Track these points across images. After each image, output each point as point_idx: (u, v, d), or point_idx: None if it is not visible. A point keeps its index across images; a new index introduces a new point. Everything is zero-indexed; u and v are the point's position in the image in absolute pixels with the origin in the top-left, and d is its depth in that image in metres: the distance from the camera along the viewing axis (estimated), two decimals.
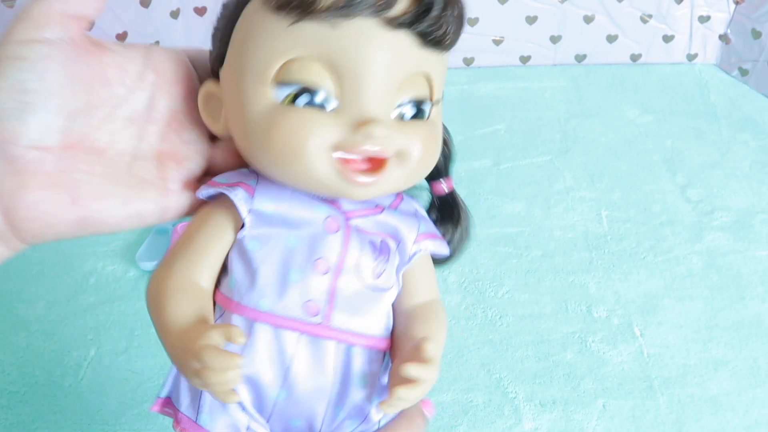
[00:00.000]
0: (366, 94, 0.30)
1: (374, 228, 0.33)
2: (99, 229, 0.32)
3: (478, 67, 0.99)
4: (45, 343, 0.64)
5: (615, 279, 0.69)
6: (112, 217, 0.32)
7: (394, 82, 0.30)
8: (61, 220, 0.31)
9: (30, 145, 0.30)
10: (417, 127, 0.31)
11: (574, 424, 0.57)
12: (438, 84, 0.33)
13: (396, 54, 0.30)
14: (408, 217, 0.34)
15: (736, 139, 0.87)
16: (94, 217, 0.31)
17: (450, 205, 0.38)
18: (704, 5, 0.95)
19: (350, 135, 0.29)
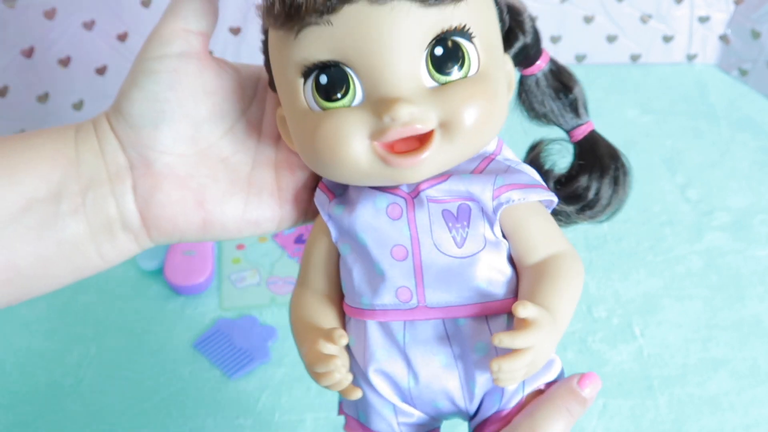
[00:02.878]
0: (381, 76, 0.29)
1: (446, 195, 0.32)
2: (220, 233, 0.35)
3: None
4: (46, 342, 0.64)
5: (615, 279, 0.69)
6: (232, 222, 0.35)
7: (412, 52, 0.29)
8: (187, 221, 0.34)
9: (164, 150, 0.33)
10: (461, 87, 0.29)
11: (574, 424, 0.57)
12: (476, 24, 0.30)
13: (400, 25, 0.28)
14: (485, 177, 0.32)
15: (735, 140, 0.87)
16: (216, 220, 0.34)
17: (591, 149, 0.36)
18: (704, 5, 0.95)
19: (378, 122, 0.29)
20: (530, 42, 0.35)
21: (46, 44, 0.79)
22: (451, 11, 0.29)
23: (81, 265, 0.34)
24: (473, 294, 0.32)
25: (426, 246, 0.32)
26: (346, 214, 0.33)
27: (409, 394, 0.34)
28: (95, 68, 0.85)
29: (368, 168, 0.30)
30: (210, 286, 0.68)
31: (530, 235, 0.33)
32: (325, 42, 0.29)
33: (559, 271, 0.32)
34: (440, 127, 0.30)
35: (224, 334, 0.63)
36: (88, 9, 0.81)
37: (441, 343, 0.33)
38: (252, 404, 0.59)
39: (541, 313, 0.30)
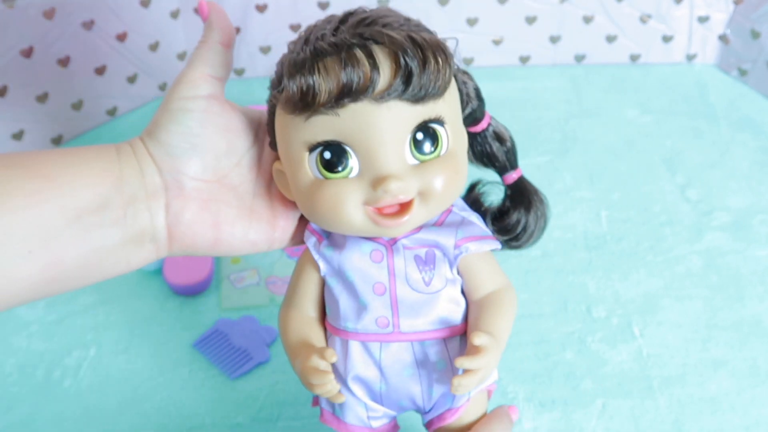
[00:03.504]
0: (377, 158, 0.36)
1: (417, 244, 0.41)
2: (224, 250, 0.41)
3: (478, 67, 0.99)
4: (45, 343, 0.64)
5: (614, 279, 0.69)
6: (237, 242, 0.41)
7: (400, 138, 0.36)
8: (204, 239, 0.40)
9: (194, 176, 0.39)
10: (435, 165, 0.37)
11: (573, 424, 0.57)
12: (448, 113, 0.38)
13: (393, 119, 0.36)
14: (447, 228, 0.41)
15: (735, 140, 0.87)
16: (225, 240, 0.41)
17: (520, 191, 0.45)
18: (704, 5, 0.95)
19: (373, 193, 0.37)
20: (475, 108, 0.43)
21: (45, 44, 0.79)
22: (432, 106, 0.37)
23: (111, 269, 0.39)
24: (437, 321, 0.41)
25: (401, 284, 0.41)
26: (336, 255, 0.41)
27: (380, 395, 0.43)
28: (94, 68, 0.85)
29: (361, 226, 0.38)
30: (209, 286, 0.68)
31: (479, 275, 0.42)
32: (331, 127, 0.36)
33: (500, 303, 0.42)
34: (419, 195, 0.38)
35: (224, 334, 0.63)
36: (88, 9, 0.81)
37: (410, 358, 0.42)
38: (252, 404, 0.59)
39: (490, 339, 0.39)
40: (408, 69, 0.34)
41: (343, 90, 0.34)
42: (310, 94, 0.35)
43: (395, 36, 0.35)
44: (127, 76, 0.88)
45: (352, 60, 0.34)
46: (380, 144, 0.36)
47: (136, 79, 0.89)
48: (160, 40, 0.89)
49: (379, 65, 0.35)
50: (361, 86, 0.34)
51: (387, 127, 0.36)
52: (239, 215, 0.41)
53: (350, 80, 0.34)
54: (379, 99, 0.35)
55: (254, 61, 0.95)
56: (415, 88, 0.35)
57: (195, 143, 0.39)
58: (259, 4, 0.91)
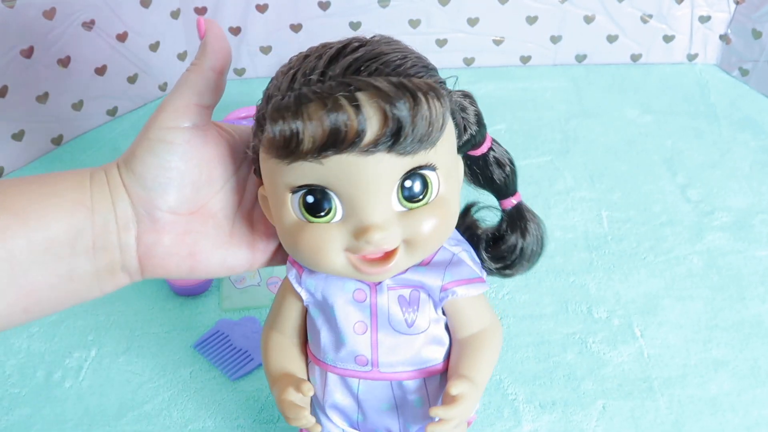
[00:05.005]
0: (361, 207, 0.35)
1: (402, 284, 0.40)
2: (200, 276, 0.40)
3: (478, 67, 0.99)
4: (46, 344, 0.64)
5: (615, 279, 0.69)
6: (214, 269, 0.40)
7: (387, 187, 0.35)
8: (178, 269, 0.39)
9: (168, 210, 0.37)
10: (422, 213, 0.36)
11: (573, 425, 0.57)
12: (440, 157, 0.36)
13: (379, 170, 0.34)
14: (435, 269, 0.40)
15: (736, 139, 0.87)
16: (203, 268, 0.39)
17: (517, 217, 0.44)
18: (704, 5, 0.95)
19: (355, 242, 0.35)
20: (475, 134, 0.41)
21: (45, 44, 0.79)
22: (423, 155, 0.34)
23: (83, 296, 0.38)
24: (417, 361, 0.41)
25: (383, 324, 0.40)
26: (319, 289, 0.40)
27: (357, 424, 0.44)
28: (94, 68, 0.85)
29: (342, 270, 0.37)
30: (210, 287, 0.68)
31: (464, 318, 0.41)
32: (314, 173, 0.34)
33: (482, 345, 0.41)
34: (404, 242, 0.36)
35: (224, 335, 0.63)
36: (88, 9, 0.81)
37: (387, 395, 0.42)
38: (252, 405, 0.59)
39: (468, 386, 0.38)
40: (397, 122, 0.32)
41: (327, 141, 0.32)
42: (293, 142, 0.32)
43: (382, 85, 0.32)
44: (127, 76, 0.88)
45: (338, 109, 0.32)
46: (365, 193, 0.34)
47: (136, 79, 0.89)
48: (160, 40, 0.89)
49: (366, 117, 0.32)
50: (347, 138, 0.32)
51: (373, 178, 0.34)
52: (217, 243, 0.39)
53: (335, 131, 0.32)
54: (366, 151, 0.33)
55: (254, 61, 0.95)
56: (404, 141, 0.33)
57: (172, 177, 0.37)
58: (259, 4, 0.91)
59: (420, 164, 0.34)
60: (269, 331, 0.44)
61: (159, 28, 0.88)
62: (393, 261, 0.36)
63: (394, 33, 1.10)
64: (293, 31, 0.93)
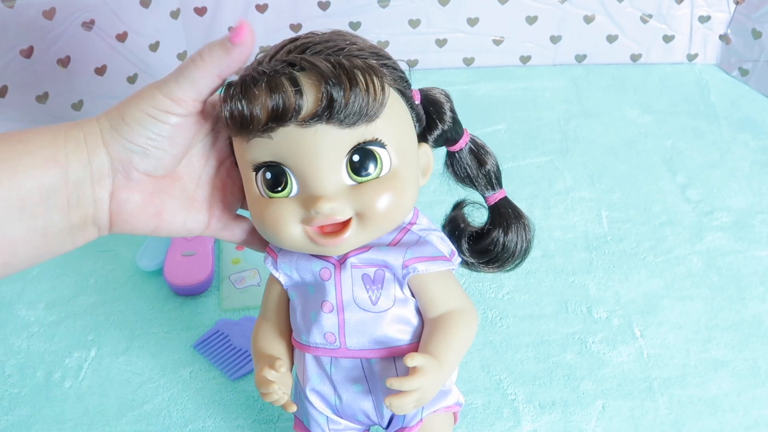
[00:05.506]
0: (312, 179, 0.37)
1: (365, 263, 0.41)
2: (162, 234, 0.42)
3: (478, 67, 0.99)
4: (45, 344, 0.64)
5: (615, 279, 0.69)
6: (175, 228, 0.42)
7: (334, 160, 0.37)
8: (144, 226, 0.41)
9: (144, 171, 0.39)
10: (373, 186, 0.38)
11: (573, 426, 0.57)
12: (390, 133, 0.38)
13: (322, 142, 0.36)
14: (399, 248, 0.41)
15: (736, 139, 0.87)
16: (165, 227, 0.42)
17: (500, 213, 0.45)
18: (704, 5, 0.95)
19: (306, 213, 0.38)
20: (448, 129, 0.43)
21: (45, 44, 0.79)
22: (365, 129, 0.37)
23: (57, 250, 0.40)
24: (384, 340, 0.42)
25: (348, 302, 0.42)
26: (293, 271, 0.43)
27: (336, 409, 0.45)
28: (94, 68, 0.85)
29: (302, 244, 0.39)
30: (210, 287, 0.68)
31: (430, 296, 0.42)
32: (269, 149, 0.37)
33: (450, 326, 0.41)
34: (356, 216, 0.38)
35: (224, 335, 0.63)
36: (88, 9, 0.81)
37: (358, 375, 0.43)
38: (252, 405, 0.59)
39: (428, 361, 0.39)
40: (329, 95, 0.35)
41: (269, 116, 0.35)
42: (240, 119, 0.36)
43: (319, 63, 0.35)
44: (127, 76, 0.88)
45: (277, 87, 0.35)
46: (313, 166, 0.37)
47: (136, 79, 0.89)
48: (159, 40, 0.89)
49: (303, 91, 0.35)
50: (286, 112, 0.35)
51: (317, 150, 0.37)
52: (181, 206, 0.42)
53: (276, 106, 0.35)
54: (306, 123, 0.36)
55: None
56: (340, 113, 0.35)
57: (157, 146, 0.39)
58: (259, 4, 0.91)
59: (366, 139, 0.37)
60: (259, 320, 0.47)
61: (159, 28, 0.88)
62: (346, 233, 0.38)
63: (393, 33, 1.10)
64: (293, 31, 0.93)
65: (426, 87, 0.43)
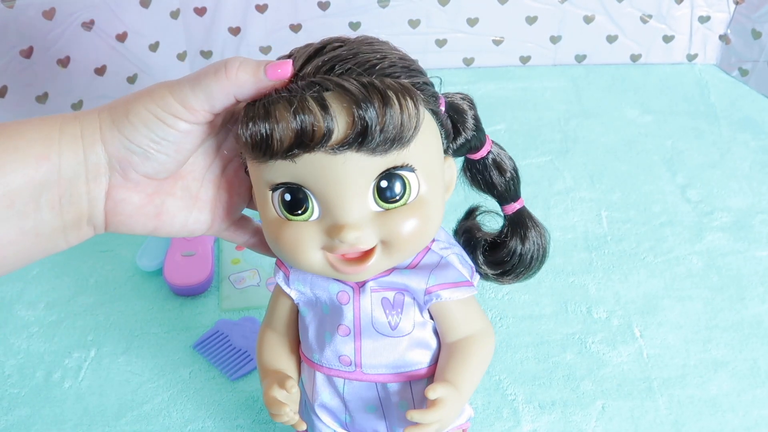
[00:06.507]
0: (336, 206, 0.35)
1: (385, 287, 0.40)
2: (161, 235, 0.40)
3: (478, 67, 0.99)
4: (45, 344, 0.64)
5: (615, 280, 0.69)
6: (175, 229, 0.40)
7: (361, 187, 0.35)
8: (143, 227, 0.39)
9: (144, 174, 0.37)
10: (400, 214, 0.36)
11: (572, 426, 0.57)
12: (418, 157, 0.35)
13: (350, 170, 0.34)
14: (420, 272, 0.39)
15: (736, 140, 0.87)
16: (165, 227, 0.40)
17: (519, 223, 0.43)
18: (704, 5, 0.95)
19: (330, 240, 0.36)
20: (471, 138, 0.40)
21: (45, 44, 0.79)
22: (397, 155, 0.34)
23: (50, 249, 0.38)
24: (401, 364, 0.41)
25: (366, 327, 0.40)
26: (307, 290, 0.41)
27: (346, 425, 0.44)
28: (94, 68, 0.85)
29: (321, 269, 0.37)
30: (209, 287, 0.68)
31: (451, 321, 0.40)
32: (290, 172, 0.35)
33: (470, 351, 0.40)
34: (381, 243, 0.36)
35: (224, 335, 0.63)
36: (88, 9, 0.81)
37: (372, 398, 0.42)
38: (252, 405, 0.59)
39: (448, 392, 0.38)
40: (363, 123, 0.32)
41: (294, 141, 0.33)
42: (263, 143, 0.33)
43: (350, 86, 0.32)
44: (127, 76, 0.88)
45: (304, 110, 0.32)
46: (338, 193, 0.34)
47: (136, 79, 0.89)
48: (159, 40, 0.89)
49: (333, 117, 0.32)
50: (314, 138, 0.32)
51: (345, 178, 0.34)
52: (183, 206, 0.40)
53: (303, 131, 0.32)
54: (335, 151, 0.33)
55: None
56: (372, 141, 0.32)
57: (160, 150, 0.37)
58: (259, 4, 0.91)
59: (395, 164, 0.34)
60: (264, 328, 0.45)
61: (159, 28, 0.88)
62: (370, 261, 0.36)
63: (393, 33, 1.10)
64: (293, 32, 0.93)
65: (448, 93, 0.40)
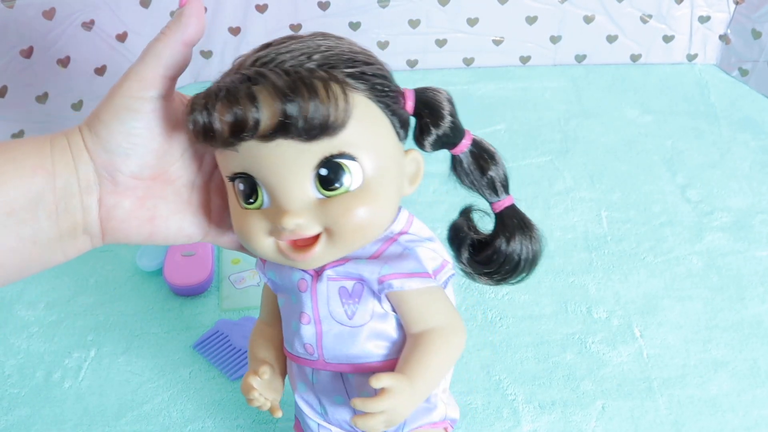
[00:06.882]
0: (279, 193, 0.36)
1: (342, 276, 0.40)
2: (159, 241, 0.41)
3: (478, 67, 0.99)
4: (45, 344, 0.64)
5: (615, 280, 0.69)
6: (172, 235, 0.41)
7: (300, 174, 0.36)
8: (138, 233, 0.40)
9: (130, 174, 0.38)
10: (342, 201, 0.36)
11: (572, 426, 0.57)
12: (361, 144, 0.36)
13: (284, 156, 0.35)
14: (375, 262, 0.40)
15: (736, 139, 0.87)
16: (160, 233, 0.40)
17: (507, 221, 0.42)
18: (704, 5, 0.95)
19: (275, 227, 0.37)
20: (443, 133, 0.40)
21: (45, 44, 0.79)
22: (330, 142, 0.35)
23: (48, 260, 0.39)
24: (359, 355, 0.41)
25: (324, 315, 0.41)
26: (278, 278, 0.43)
27: (324, 416, 0.45)
28: (94, 68, 0.85)
29: (274, 256, 0.38)
30: (209, 287, 0.68)
31: (409, 312, 0.40)
32: (237, 160, 0.37)
33: (429, 345, 0.40)
34: (325, 231, 0.37)
35: (224, 335, 0.63)
36: (88, 9, 0.81)
37: (339, 387, 0.43)
38: None
39: (396, 382, 0.37)
40: (285, 111, 0.33)
41: (229, 130, 0.34)
42: (204, 132, 0.35)
43: (274, 77, 0.34)
44: None
45: (235, 102, 0.34)
46: (279, 180, 0.36)
47: None
48: None
49: (259, 106, 0.34)
50: (245, 127, 0.34)
51: (282, 164, 0.35)
52: (175, 209, 0.41)
53: (234, 121, 0.34)
54: (266, 138, 0.34)
55: None
56: (298, 127, 0.34)
57: (136, 143, 0.38)
58: (259, 4, 0.91)
59: (332, 153, 0.35)
60: (258, 321, 0.47)
61: (159, 28, 0.88)
62: (315, 248, 0.37)
63: (394, 33, 1.10)
64: (293, 31, 0.93)
65: (423, 87, 0.40)
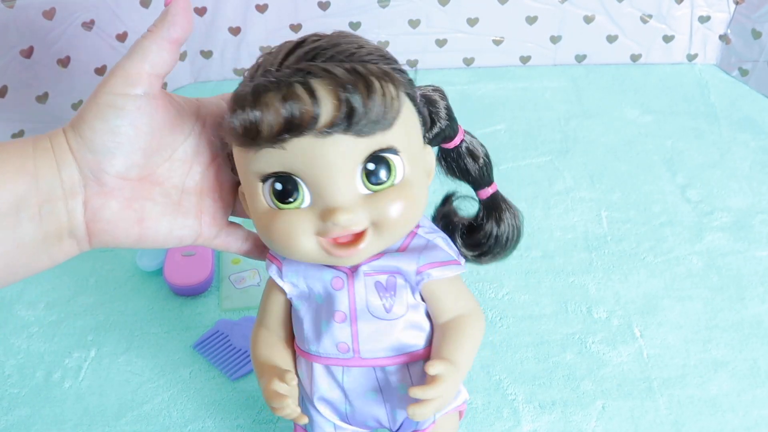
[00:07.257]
0: (326, 190, 0.36)
1: (378, 270, 0.41)
2: (148, 245, 0.40)
3: (478, 67, 0.99)
4: (45, 344, 0.64)
5: (615, 280, 0.69)
6: (162, 238, 0.40)
7: (349, 170, 0.36)
8: (126, 236, 0.39)
9: (116, 175, 0.37)
10: (388, 195, 0.37)
11: (572, 426, 0.57)
12: (402, 141, 0.37)
13: (338, 152, 0.35)
14: (410, 254, 0.41)
15: (736, 140, 0.87)
16: (150, 236, 0.39)
17: (493, 206, 0.45)
18: (704, 5, 0.95)
19: (323, 224, 0.37)
20: (444, 127, 0.42)
21: (45, 44, 0.79)
22: (381, 137, 0.36)
23: (34, 265, 0.38)
24: (398, 346, 0.42)
25: (361, 311, 0.41)
26: (300, 280, 0.42)
27: (346, 416, 0.45)
28: (94, 68, 0.85)
29: (316, 256, 0.38)
30: (209, 287, 0.68)
31: (442, 301, 0.42)
32: (279, 159, 0.36)
33: (462, 329, 0.42)
34: (372, 225, 0.37)
35: (224, 335, 0.63)
36: (88, 9, 0.81)
37: (372, 383, 0.43)
38: (252, 405, 0.59)
39: (447, 368, 0.39)
40: (349, 104, 0.34)
41: (284, 126, 0.34)
42: (253, 130, 0.34)
43: (335, 71, 0.34)
44: None
45: (293, 96, 0.33)
46: (328, 177, 0.36)
47: None
48: None
49: (319, 100, 0.34)
50: (303, 122, 0.34)
51: (334, 160, 0.35)
52: (165, 212, 0.40)
53: (291, 116, 0.33)
54: (323, 134, 0.34)
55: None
56: (359, 122, 0.34)
57: (121, 142, 0.37)
58: (259, 4, 0.91)
59: (380, 147, 0.36)
60: (257, 328, 0.46)
61: None
62: (362, 243, 0.37)
63: (393, 33, 1.10)
64: (293, 31, 0.93)
65: (420, 86, 0.42)
